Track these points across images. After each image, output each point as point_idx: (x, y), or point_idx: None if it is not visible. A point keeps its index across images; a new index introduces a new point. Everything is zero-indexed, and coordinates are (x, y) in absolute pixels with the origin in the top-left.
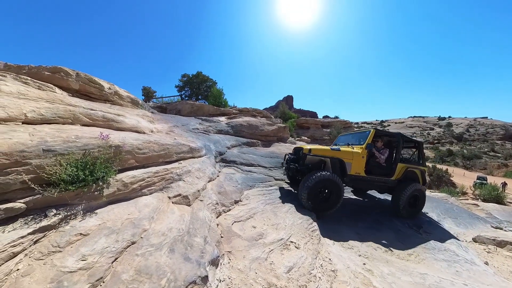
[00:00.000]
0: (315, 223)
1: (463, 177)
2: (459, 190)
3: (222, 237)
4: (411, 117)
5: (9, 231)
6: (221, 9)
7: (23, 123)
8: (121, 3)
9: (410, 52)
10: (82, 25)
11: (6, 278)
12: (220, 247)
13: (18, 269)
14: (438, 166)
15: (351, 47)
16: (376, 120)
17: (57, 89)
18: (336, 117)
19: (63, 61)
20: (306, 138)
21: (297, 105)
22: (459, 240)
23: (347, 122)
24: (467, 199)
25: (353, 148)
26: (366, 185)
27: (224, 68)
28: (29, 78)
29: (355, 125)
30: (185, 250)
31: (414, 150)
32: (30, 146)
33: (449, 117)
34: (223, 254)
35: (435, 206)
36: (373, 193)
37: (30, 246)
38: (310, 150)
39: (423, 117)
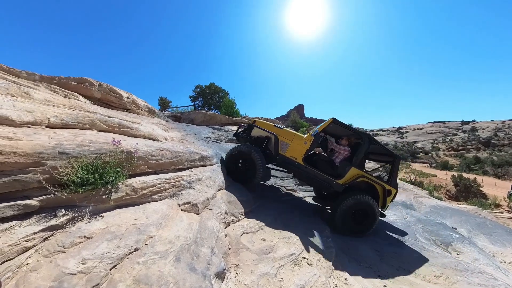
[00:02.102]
0: (329, 238)
1: (494, 187)
2: (491, 202)
3: (229, 248)
4: (430, 122)
5: (24, 226)
6: (232, 21)
7: (46, 126)
8: (145, 24)
9: (427, 54)
10: (112, 40)
11: (17, 271)
12: (227, 259)
13: (28, 264)
14: (465, 175)
15: (363, 51)
16: (393, 127)
17: (81, 98)
18: (350, 125)
19: (92, 70)
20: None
21: (308, 114)
22: (496, 260)
23: (361, 129)
24: (502, 212)
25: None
26: (303, 176)
27: (236, 79)
28: (58, 87)
29: (370, 133)
30: (191, 260)
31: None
32: (48, 148)
33: (473, 120)
34: (230, 267)
35: (464, 220)
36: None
37: (40, 242)
38: (254, 121)
39: (444, 122)
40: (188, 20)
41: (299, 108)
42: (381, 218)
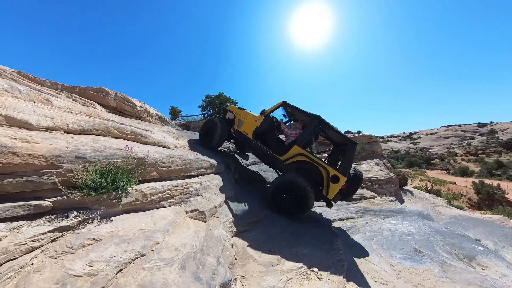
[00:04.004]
0: (340, 251)
1: None
2: None
3: (236, 259)
4: (444, 126)
5: (33, 226)
6: (239, 34)
7: (65, 132)
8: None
9: (437, 55)
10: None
11: (20, 271)
12: (233, 270)
13: (32, 264)
14: (487, 181)
15: (372, 56)
16: (404, 132)
17: (98, 106)
18: (359, 132)
19: (109, 80)
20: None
21: None
22: None
23: (371, 136)
24: None
25: None
26: (254, 150)
27: (244, 88)
28: (78, 96)
29: (381, 139)
30: (196, 269)
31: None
32: (65, 152)
33: (491, 122)
34: (236, 278)
35: (488, 231)
36: (399, 220)
37: (48, 243)
38: (227, 105)
39: (459, 125)
40: (197, 35)
41: None
42: (393, 229)
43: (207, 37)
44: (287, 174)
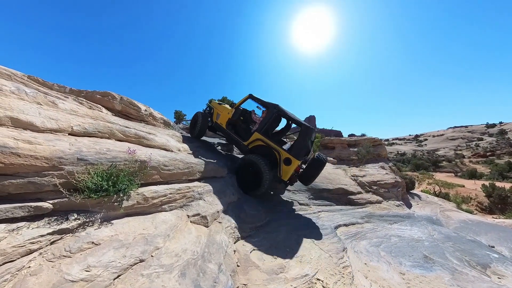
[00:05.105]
0: (346, 258)
1: None
2: None
3: (238, 266)
4: (451, 128)
5: (32, 228)
6: (242, 38)
7: (69, 134)
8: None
9: (442, 56)
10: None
11: (16, 273)
12: (235, 277)
13: (29, 267)
14: (498, 184)
15: (375, 58)
16: (410, 135)
17: (103, 109)
18: (363, 135)
19: (117, 85)
20: (332, 158)
21: (320, 124)
22: None
23: (375, 139)
24: None
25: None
26: (227, 137)
27: (248, 91)
28: (84, 100)
29: (386, 142)
30: (197, 277)
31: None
32: (68, 154)
33: (500, 122)
34: (238, 287)
35: (503, 237)
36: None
37: (46, 246)
38: (211, 101)
39: (466, 127)
40: (199, 40)
41: (311, 120)
42: (402, 235)
43: (211, 42)
44: (248, 155)
